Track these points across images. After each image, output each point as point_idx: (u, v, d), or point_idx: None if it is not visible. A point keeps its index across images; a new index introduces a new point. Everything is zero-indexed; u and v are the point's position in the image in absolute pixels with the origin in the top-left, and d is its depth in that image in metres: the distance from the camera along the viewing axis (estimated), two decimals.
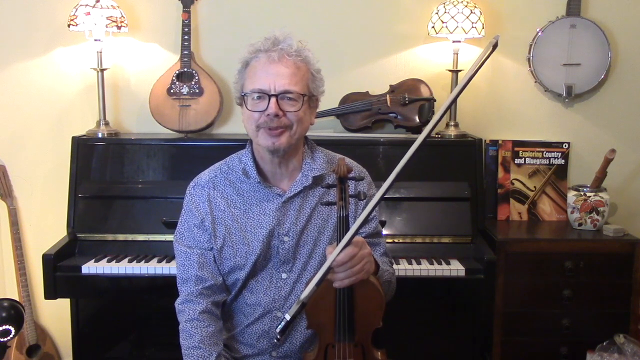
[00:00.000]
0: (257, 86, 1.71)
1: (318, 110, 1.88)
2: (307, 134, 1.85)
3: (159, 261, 2.52)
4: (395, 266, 2.00)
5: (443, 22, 2.77)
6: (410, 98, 2.87)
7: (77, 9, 2.74)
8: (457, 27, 2.75)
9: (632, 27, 2.98)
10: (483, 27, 2.79)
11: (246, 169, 1.82)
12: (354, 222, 1.58)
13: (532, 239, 2.77)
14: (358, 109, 2.90)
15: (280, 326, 1.55)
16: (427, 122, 2.74)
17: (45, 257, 2.49)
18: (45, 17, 2.95)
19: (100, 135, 2.84)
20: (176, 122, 2.83)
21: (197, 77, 2.85)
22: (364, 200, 1.74)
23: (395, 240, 2.63)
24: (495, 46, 1.46)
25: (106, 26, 2.74)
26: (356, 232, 1.56)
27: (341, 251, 1.56)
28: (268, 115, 1.69)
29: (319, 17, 2.98)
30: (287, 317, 1.53)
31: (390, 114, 2.89)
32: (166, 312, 1.99)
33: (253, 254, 1.79)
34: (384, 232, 2.55)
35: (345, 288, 1.64)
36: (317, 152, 1.88)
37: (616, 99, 3.03)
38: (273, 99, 1.69)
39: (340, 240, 1.58)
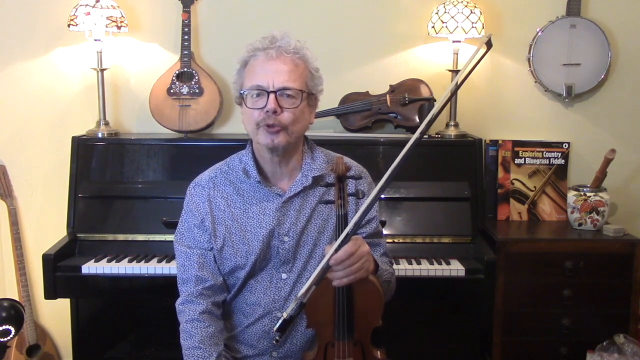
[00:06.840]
0: (255, 83, 1.71)
1: (318, 110, 1.88)
2: (307, 133, 1.85)
3: (159, 261, 2.52)
4: (395, 266, 2.00)
5: (443, 22, 2.77)
6: (410, 98, 2.87)
7: (77, 9, 2.74)
8: (457, 27, 2.75)
9: (632, 27, 2.98)
10: (483, 27, 2.79)
11: (246, 168, 1.82)
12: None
13: (532, 239, 2.77)
14: (358, 109, 2.90)
15: (277, 325, 1.55)
16: None
17: (45, 257, 2.49)
18: (45, 17, 2.95)
19: (100, 135, 2.84)
20: (176, 122, 2.83)
21: (197, 77, 2.85)
22: (363, 199, 1.74)
23: (395, 240, 2.63)
24: (489, 45, 1.45)
25: (106, 26, 2.74)
26: (354, 230, 1.56)
27: (338, 249, 1.56)
28: (267, 111, 1.69)
29: (319, 17, 2.98)
30: (284, 315, 1.53)
31: (390, 114, 2.89)
32: (166, 312, 1.98)
33: (253, 254, 1.78)
34: (384, 232, 2.55)
35: (344, 287, 1.64)
36: (317, 152, 1.88)
37: (616, 99, 3.03)
38: (272, 95, 1.69)
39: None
